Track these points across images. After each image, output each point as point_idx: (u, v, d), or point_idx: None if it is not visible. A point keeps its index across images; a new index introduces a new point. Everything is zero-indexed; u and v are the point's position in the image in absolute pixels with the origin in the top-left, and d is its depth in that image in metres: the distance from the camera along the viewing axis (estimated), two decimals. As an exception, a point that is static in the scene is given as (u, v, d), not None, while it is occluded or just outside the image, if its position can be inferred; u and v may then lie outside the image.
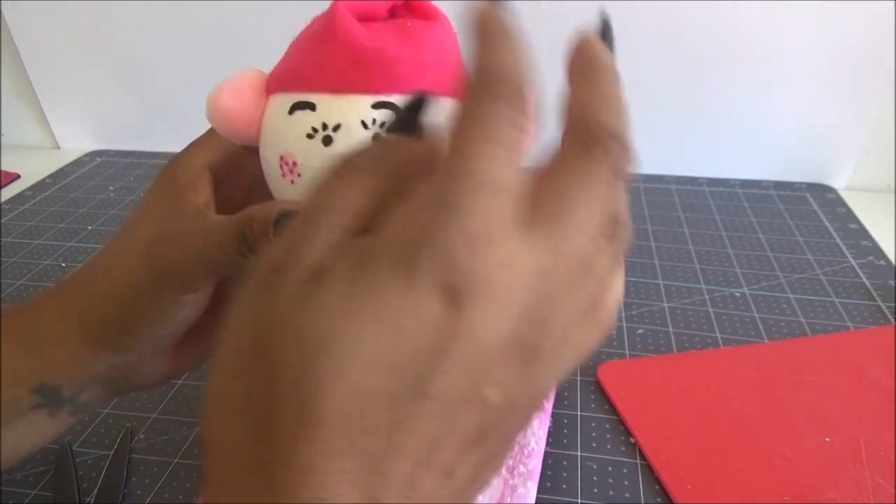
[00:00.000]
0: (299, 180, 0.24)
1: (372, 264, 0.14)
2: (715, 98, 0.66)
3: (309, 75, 0.24)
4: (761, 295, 0.51)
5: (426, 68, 0.24)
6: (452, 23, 0.26)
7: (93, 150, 0.84)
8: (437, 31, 0.25)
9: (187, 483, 0.37)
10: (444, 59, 0.25)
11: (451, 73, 0.25)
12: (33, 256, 0.60)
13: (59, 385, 0.27)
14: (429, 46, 0.24)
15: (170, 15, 0.72)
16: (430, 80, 0.24)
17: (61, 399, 0.28)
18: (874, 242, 0.58)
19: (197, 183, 0.28)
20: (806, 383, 0.41)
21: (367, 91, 0.23)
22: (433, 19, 0.25)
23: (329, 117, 0.23)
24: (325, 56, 0.24)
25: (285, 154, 0.24)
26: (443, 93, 0.23)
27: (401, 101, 0.23)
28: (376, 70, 0.23)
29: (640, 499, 0.35)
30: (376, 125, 0.23)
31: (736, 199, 0.66)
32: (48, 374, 0.27)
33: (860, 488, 0.34)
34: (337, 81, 0.23)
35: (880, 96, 0.63)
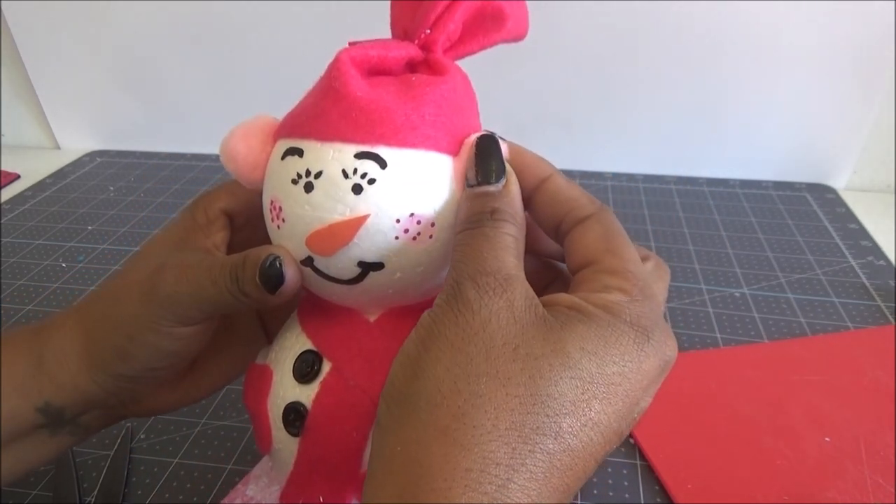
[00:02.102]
0: (284, 226, 0.24)
1: (614, 331, 0.20)
2: (715, 98, 0.66)
3: (303, 123, 0.24)
4: (761, 295, 0.51)
5: (420, 121, 0.23)
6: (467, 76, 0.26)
7: (93, 151, 0.84)
8: (442, 86, 0.24)
9: (187, 483, 0.37)
10: (444, 114, 0.24)
11: (448, 129, 0.24)
12: (33, 256, 0.60)
13: (62, 407, 0.27)
14: (429, 100, 0.24)
15: (170, 15, 0.72)
16: (423, 133, 0.23)
17: (63, 420, 0.28)
18: (874, 242, 0.58)
19: (212, 225, 0.28)
20: (806, 383, 0.41)
21: (353, 140, 0.23)
22: (443, 74, 0.25)
23: (313, 164, 0.23)
24: (320, 105, 0.24)
25: (274, 199, 0.24)
26: (436, 148, 0.23)
27: (476, 147, 0.24)
28: (364, 119, 0.23)
29: (641, 499, 0.35)
30: (357, 175, 0.22)
31: (736, 199, 0.66)
32: (53, 395, 0.27)
33: (860, 488, 0.34)
34: (325, 129, 0.23)
35: (880, 96, 0.63)
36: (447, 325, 0.20)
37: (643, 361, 0.20)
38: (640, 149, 0.71)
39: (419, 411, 0.19)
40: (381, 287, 0.24)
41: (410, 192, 0.23)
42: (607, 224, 0.23)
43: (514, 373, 0.18)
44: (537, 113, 0.70)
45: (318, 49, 0.31)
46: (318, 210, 0.23)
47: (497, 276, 0.20)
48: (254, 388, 0.28)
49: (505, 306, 0.19)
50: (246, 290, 0.24)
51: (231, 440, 0.40)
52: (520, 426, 0.18)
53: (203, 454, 0.39)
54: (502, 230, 0.21)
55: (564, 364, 0.19)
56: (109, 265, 0.58)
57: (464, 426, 0.18)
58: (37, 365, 0.27)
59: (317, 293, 0.26)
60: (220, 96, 0.77)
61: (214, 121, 0.78)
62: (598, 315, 0.20)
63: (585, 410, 0.18)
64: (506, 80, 0.67)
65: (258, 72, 0.74)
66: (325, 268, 0.24)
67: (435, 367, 0.19)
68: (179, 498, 0.36)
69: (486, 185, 0.23)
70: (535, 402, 0.18)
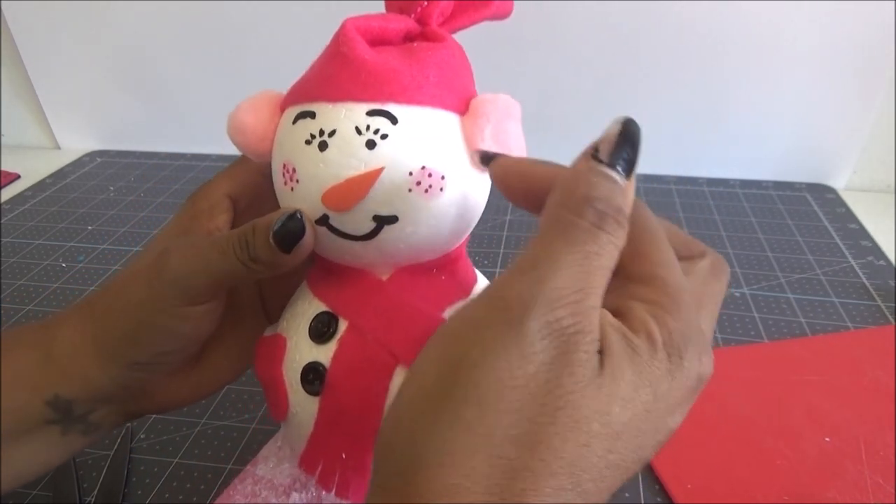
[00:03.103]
0: (297, 187, 0.25)
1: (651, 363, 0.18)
2: (715, 98, 0.66)
3: (313, 88, 0.25)
4: (761, 295, 0.51)
5: (426, 81, 0.24)
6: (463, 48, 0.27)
7: (93, 151, 0.84)
8: (442, 51, 0.26)
9: (187, 483, 0.37)
10: (447, 76, 0.25)
11: (452, 89, 0.25)
12: (33, 256, 0.60)
13: (71, 400, 0.27)
14: (431, 63, 0.25)
15: (170, 15, 0.72)
16: (429, 93, 0.24)
17: (73, 416, 0.27)
18: (874, 242, 0.58)
19: (214, 209, 0.29)
20: (806, 383, 0.41)
21: (363, 99, 0.24)
22: (441, 41, 0.26)
23: (326, 123, 0.24)
24: (328, 70, 0.25)
25: (287, 161, 0.25)
26: (443, 106, 0.25)
27: None
28: (373, 80, 0.24)
29: (640, 499, 0.35)
30: (370, 131, 0.23)
31: (736, 199, 0.66)
32: (62, 387, 0.27)
33: (860, 488, 0.34)
34: (335, 91, 0.24)
35: (880, 96, 0.63)
36: (485, 371, 0.17)
37: (673, 389, 0.18)
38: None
39: (431, 466, 0.17)
40: (394, 242, 0.25)
41: (421, 147, 0.24)
42: (636, 219, 0.20)
43: (547, 439, 0.17)
44: (537, 113, 0.70)
45: (318, 49, 0.31)
46: (332, 167, 0.24)
47: (579, 307, 0.17)
48: (266, 356, 0.28)
49: (564, 359, 0.17)
50: (257, 254, 0.24)
51: (231, 440, 0.40)
52: (540, 489, 0.16)
53: (203, 454, 0.39)
54: (618, 241, 0.19)
55: (603, 422, 0.17)
56: (109, 265, 0.58)
57: (476, 488, 0.16)
58: (45, 358, 0.27)
59: (329, 256, 0.27)
60: (220, 96, 0.76)
61: (214, 121, 0.78)
62: (641, 348, 0.18)
63: (608, 457, 0.17)
64: (506, 80, 0.67)
65: (258, 72, 0.74)
66: (340, 224, 0.24)
67: (455, 425, 0.17)
68: (179, 498, 0.36)
69: (614, 170, 0.19)
70: (562, 465, 0.17)
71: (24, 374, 0.27)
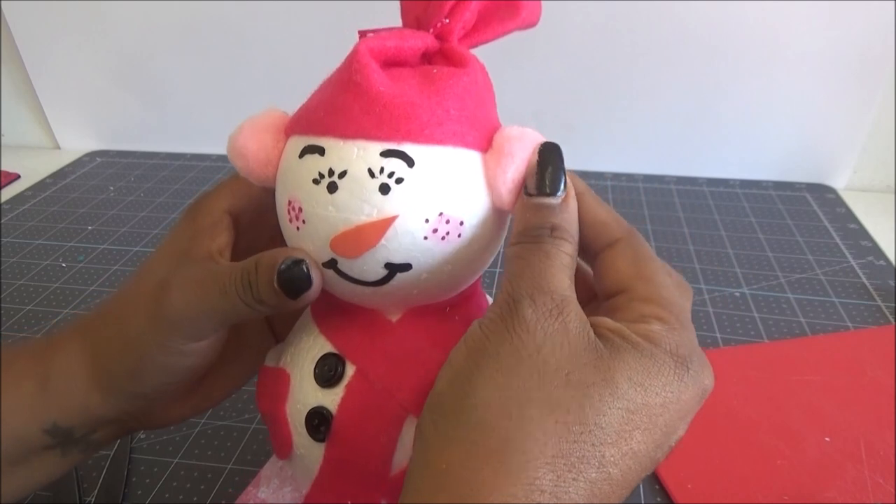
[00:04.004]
0: (304, 227, 0.23)
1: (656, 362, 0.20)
2: (715, 98, 0.66)
3: (322, 119, 0.23)
4: (761, 295, 0.51)
5: (446, 117, 0.22)
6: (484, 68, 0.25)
7: (93, 151, 0.84)
8: (464, 79, 0.23)
9: (187, 483, 0.37)
10: (468, 108, 0.23)
11: (474, 124, 0.23)
12: (33, 256, 0.60)
13: (71, 427, 0.26)
14: (452, 94, 0.23)
15: (170, 15, 0.72)
16: (450, 129, 0.22)
17: (73, 440, 0.27)
18: (874, 242, 0.58)
19: (215, 227, 0.27)
20: (806, 383, 0.41)
21: (378, 138, 0.22)
22: (463, 66, 0.24)
23: (336, 163, 0.22)
24: (340, 100, 0.23)
25: (293, 199, 0.23)
26: (464, 144, 0.23)
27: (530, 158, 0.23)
28: (388, 116, 0.22)
29: (641, 499, 0.35)
30: (384, 174, 0.21)
31: (736, 199, 0.66)
32: (61, 417, 0.26)
33: (860, 488, 0.34)
34: (348, 126, 0.22)
35: (880, 96, 0.63)
36: (501, 344, 0.19)
37: (683, 392, 0.20)
38: (640, 149, 0.71)
39: (469, 431, 0.18)
40: (406, 288, 0.23)
41: (439, 191, 0.22)
42: (637, 248, 0.23)
43: (565, 400, 0.18)
44: (538, 113, 0.70)
45: (318, 48, 0.31)
46: (343, 211, 0.22)
47: (554, 296, 0.20)
48: (269, 392, 0.27)
49: (560, 329, 0.19)
50: (262, 297, 0.23)
51: (231, 440, 0.40)
52: (566, 454, 0.18)
53: (203, 454, 0.39)
54: (561, 249, 0.21)
55: (613, 394, 0.19)
56: (109, 265, 0.58)
57: (512, 451, 0.18)
58: (42, 386, 0.26)
59: (337, 295, 0.25)
60: (220, 96, 0.77)
61: (214, 121, 0.78)
62: (642, 345, 0.20)
63: (628, 440, 0.19)
64: (506, 80, 0.67)
65: (258, 71, 0.74)
66: (349, 270, 0.23)
67: (486, 388, 0.19)
68: (179, 498, 0.36)
69: (544, 196, 0.22)
70: (582, 430, 0.18)
71: (21, 403, 0.26)
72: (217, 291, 0.24)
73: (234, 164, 0.25)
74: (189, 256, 0.26)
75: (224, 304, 0.24)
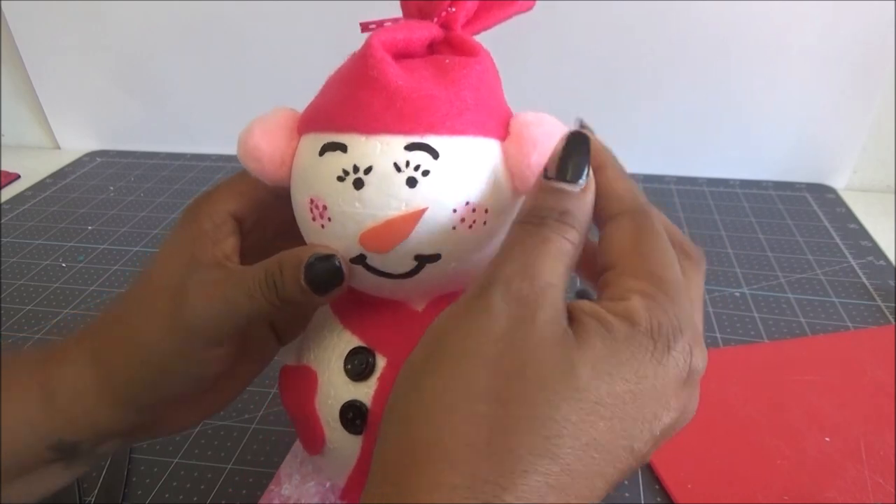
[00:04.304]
0: (329, 225, 0.23)
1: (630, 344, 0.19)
2: (715, 98, 0.66)
3: (340, 115, 0.23)
4: (761, 295, 0.51)
5: (464, 107, 0.23)
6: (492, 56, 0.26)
7: (93, 151, 0.84)
8: (476, 67, 0.23)
9: (187, 483, 0.37)
10: (484, 97, 0.24)
11: (491, 112, 0.24)
12: (33, 256, 0.60)
13: (77, 442, 0.26)
14: (467, 84, 0.23)
15: (170, 15, 0.72)
16: (469, 119, 0.23)
17: (77, 454, 0.26)
18: (874, 242, 0.58)
19: (219, 231, 0.26)
20: (806, 383, 0.41)
21: (401, 132, 0.22)
22: (473, 55, 0.24)
23: (361, 159, 0.22)
24: (357, 96, 0.23)
25: (315, 197, 0.23)
26: (483, 133, 0.23)
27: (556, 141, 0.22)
28: (410, 110, 0.22)
29: (641, 499, 0.35)
30: (410, 168, 0.22)
31: (736, 199, 0.66)
32: (66, 432, 0.25)
33: (860, 488, 0.34)
34: (369, 122, 0.22)
35: (880, 96, 0.63)
36: (459, 335, 0.19)
37: (660, 376, 0.19)
38: (640, 149, 0.71)
39: (417, 424, 0.18)
40: (434, 278, 0.24)
41: (465, 181, 0.22)
42: (641, 223, 0.21)
43: (517, 394, 0.18)
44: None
45: (318, 48, 0.31)
46: (370, 207, 0.22)
47: (534, 282, 0.19)
48: (296, 391, 0.27)
49: (527, 317, 0.18)
50: (287, 295, 0.23)
51: (231, 440, 0.40)
52: (515, 447, 0.17)
53: (203, 454, 0.39)
54: (565, 235, 0.20)
55: (572, 386, 0.18)
56: (109, 265, 0.58)
57: (456, 444, 0.17)
58: (47, 402, 0.25)
59: (361, 290, 0.25)
60: (220, 96, 0.77)
61: (214, 121, 0.78)
62: (616, 327, 0.19)
63: (589, 431, 0.18)
64: (506, 79, 0.67)
65: (258, 71, 0.74)
66: (378, 264, 0.23)
67: (435, 381, 0.18)
68: (179, 498, 0.36)
69: (563, 181, 0.21)
70: (533, 424, 0.17)
71: (24, 419, 0.25)
72: (241, 294, 0.23)
73: (246, 166, 0.25)
74: (198, 261, 0.25)
75: (249, 306, 0.24)
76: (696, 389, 0.21)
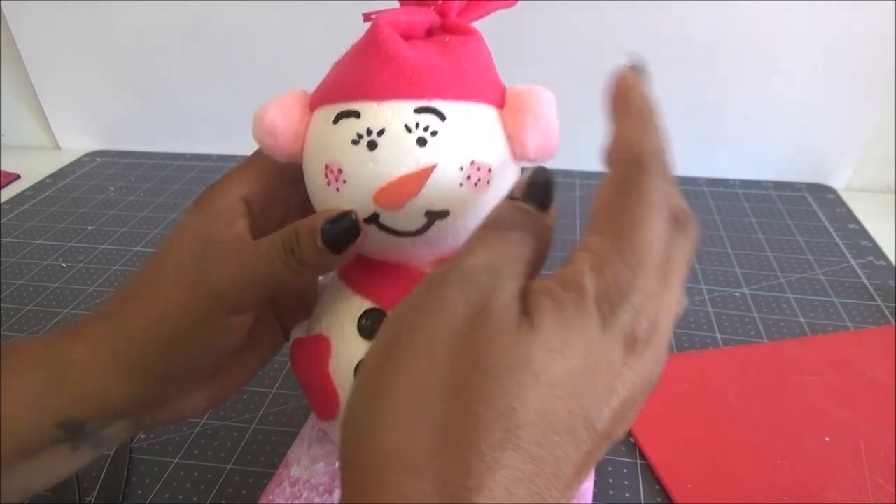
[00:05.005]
0: (344, 187, 0.25)
1: (578, 315, 0.18)
2: (715, 98, 0.66)
3: (352, 86, 0.25)
4: (761, 295, 0.51)
5: (466, 76, 0.25)
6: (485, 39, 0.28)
7: (93, 151, 0.84)
8: (472, 44, 0.26)
9: (187, 483, 0.37)
10: (481, 69, 0.26)
11: (488, 83, 0.26)
12: (33, 256, 0.60)
13: (85, 419, 0.26)
14: (466, 57, 0.26)
15: (170, 15, 0.72)
16: (471, 87, 0.25)
17: (84, 434, 0.26)
18: (874, 242, 0.58)
19: (232, 213, 0.27)
20: (806, 383, 0.41)
21: (410, 97, 0.24)
22: (469, 34, 0.26)
23: (374, 123, 0.24)
24: (368, 68, 0.25)
25: (331, 162, 0.25)
26: (484, 100, 0.25)
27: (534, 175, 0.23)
28: (418, 77, 0.24)
29: (640, 498, 0.35)
30: (420, 129, 0.24)
31: (736, 200, 0.66)
32: (75, 408, 0.25)
33: (860, 488, 0.34)
34: (380, 90, 0.24)
35: (880, 96, 0.63)
36: (416, 329, 0.19)
37: (607, 345, 0.18)
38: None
39: (375, 432, 0.17)
40: (442, 236, 0.25)
41: (469, 141, 0.25)
42: (628, 175, 0.20)
43: (475, 389, 0.17)
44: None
45: (318, 48, 0.31)
46: (384, 166, 0.24)
47: (492, 276, 0.19)
48: (309, 359, 0.28)
49: (483, 308, 0.18)
50: (304, 258, 0.24)
51: (231, 440, 0.40)
52: (476, 444, 0.16)
53: (203, 454, 0.39)
54: (524, 243, 0.20)
55: (529, 372, 0.17)
56: (109, 265, 0.58)
57: (417, 449, 0.17)
58: (56, 378, 0.25)
59: (371, 253, 0.27)
60: (219, 96, 0.77)
61: (214, 121, 0.78)
62: (564, 300, 0.18)
63: (547, 415, 0.17)
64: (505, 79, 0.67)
65: (258, 72, 0.74)
66: (391, 222, 0.25)
67: (393, 381, 0.18)
68: (179, 498, 0.36)
69: (524, 202, 0.22)
70: (494, 417, 0.17)
71: (32, 396, 0.25)
72: (261, 260, 0.25)
73: (261, 142, 0.27)
74: (214, 238, 0.26)
75: (268, 272, 0.25)
76: (657, 353, 0.20)
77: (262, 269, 0.25)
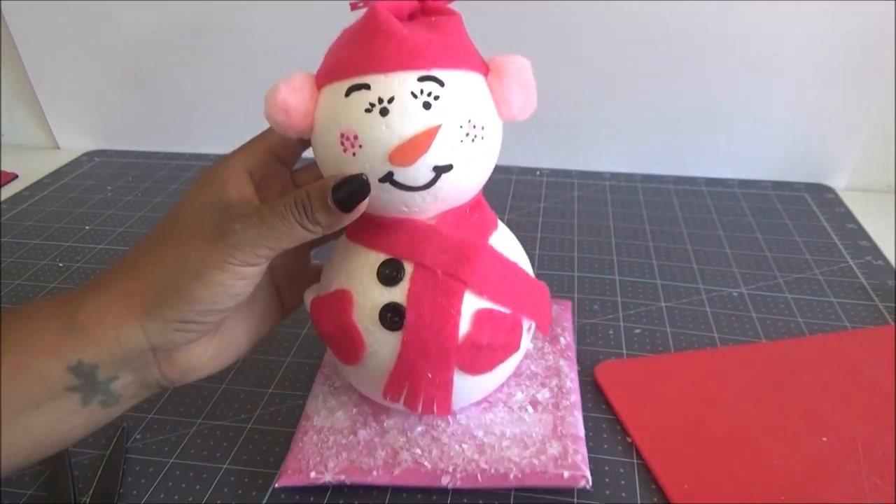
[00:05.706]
0: (361, 151, 0.28)
1: None
2: (714, 98, 0.66)
3: (359, 63, 0.28)
4: (759, 295, 0.51)
5: (455, 48, 0.29)
6: None
7: (91, 150, 0.84)
8: (455, 23, 0.30)
9: (183, 483, 0.37)
10: (465, 43, 0.31)
11: (473, 54, 0.31)
12: (31, 256, 0.60)
13: (96, 364, 0.28)
14: (452, 33, 0.30)
15: (169, 15, 0.72)
16: (461, 58, 0.29)
17: (95, 383, 0.28)
18: (872, 243, 0.58)
19: (238, 180, 0.31)
20: (804, 383, 0.41)
21: (413, 68, 0.28)
22: (450, 15, 0.31)
23: (384, 92, 0.28)
24: (371, 46, 0.28)
25: (346, 130, 0.28)
26: (473, 68, 0.30)
27: None
28: (417, 51, 0.28)
29: (637, 498, 0.35)
30: (424, 95, 0.28)
31: (734, 199, 0.66)
32: (87, 351, 0.27)
33: (857, 488, 0.34)
34: (386, 63, 0.28)
35: (880, 96, 0.63)
36: None
37: None
38: (638, 149, 0.71)
39: None
40: (447, 188, 0.29)
41: (466, 103, 0.29)
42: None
43: None
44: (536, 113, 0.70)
45: (318, 49, 0.31)
46: (396, 129, 0.28)
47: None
48: (331, 311, 0.32)
49: None
50: (316, 217, 0.28)
51: (227, 440, 0.40)
52: None
53: (199, 454, 0.39)
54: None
55: None
56: (106, 265, 0.58)
57: None
58: (68, 325, 0.27)
59: (382, 211, 0.30)
60: (218, 96, 0.77)
61: (213, 121, 0.78)
62: None
63: None
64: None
65: (258, 72, 0.74)
66: (403, 179, 0.29)
67: None
68: (175, 498, 0.36)
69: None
70: None
71: (45, 341, 0.27)
72: (276, 217, 0.28)
73: (273, 120, 0.30)
74: (226, 200, 0.30)
75: (282, 229, 0.28)
76: None
77: (277, 226, 0.28)
